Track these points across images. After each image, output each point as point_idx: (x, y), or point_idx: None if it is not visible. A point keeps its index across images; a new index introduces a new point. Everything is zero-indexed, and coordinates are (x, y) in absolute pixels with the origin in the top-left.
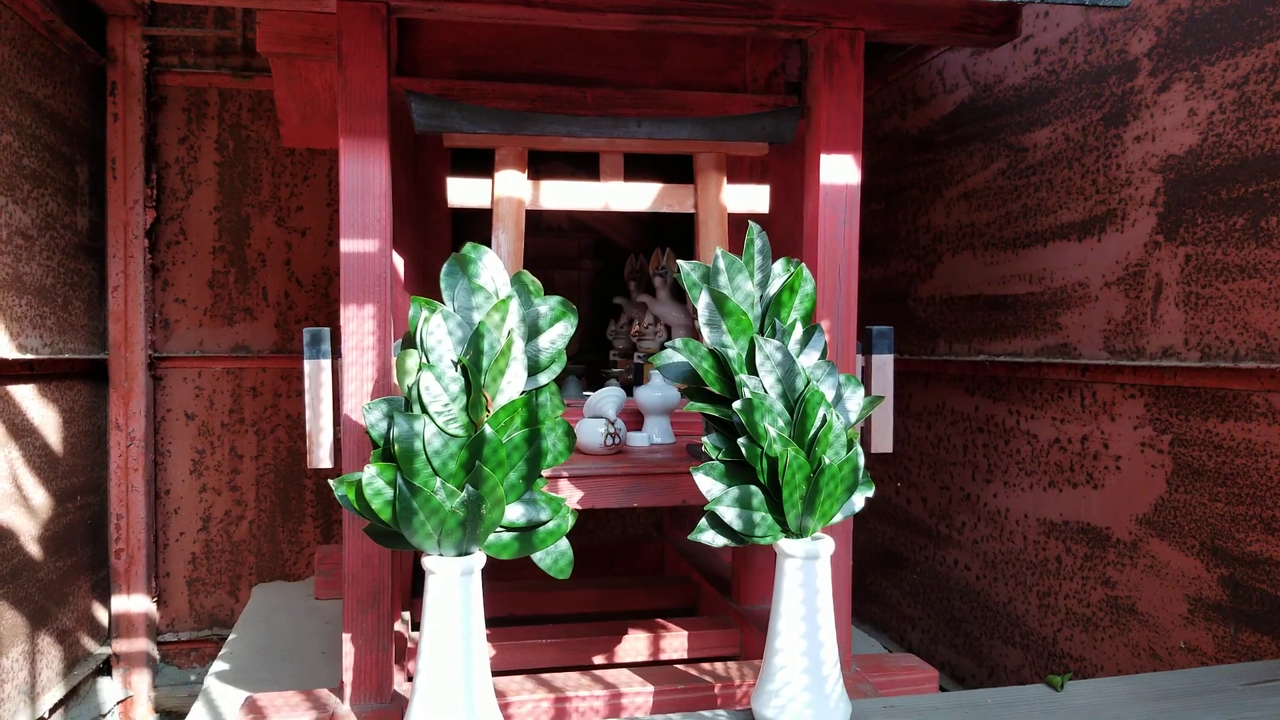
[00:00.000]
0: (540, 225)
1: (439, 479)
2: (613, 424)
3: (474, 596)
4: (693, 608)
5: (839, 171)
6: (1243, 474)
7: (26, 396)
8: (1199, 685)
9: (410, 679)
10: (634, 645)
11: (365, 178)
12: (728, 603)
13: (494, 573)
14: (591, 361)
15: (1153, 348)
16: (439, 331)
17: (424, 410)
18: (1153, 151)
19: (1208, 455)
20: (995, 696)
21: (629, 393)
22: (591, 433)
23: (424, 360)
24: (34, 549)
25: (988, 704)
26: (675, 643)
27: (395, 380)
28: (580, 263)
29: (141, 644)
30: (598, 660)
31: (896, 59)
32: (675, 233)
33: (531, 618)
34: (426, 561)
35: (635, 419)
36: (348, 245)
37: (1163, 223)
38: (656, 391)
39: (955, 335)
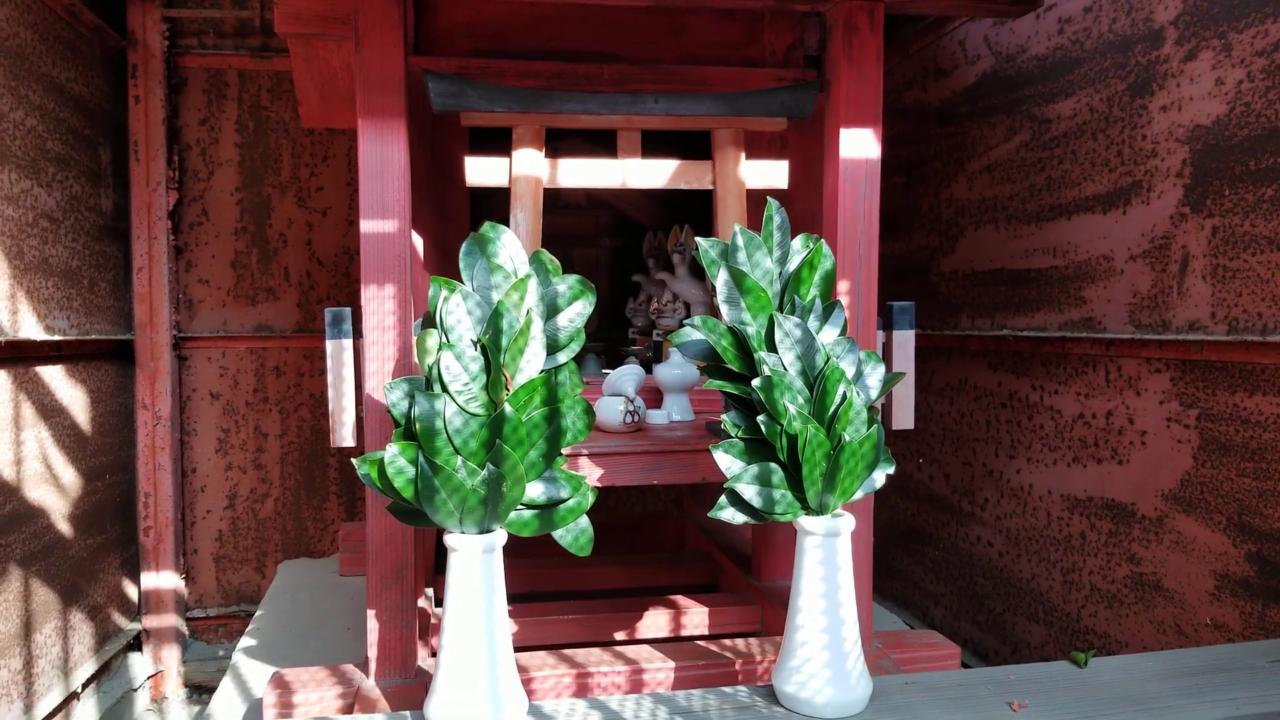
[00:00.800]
0: (558, 203)
1: (460, 457)
2: (632, 402)
3: (496, 573)
4: (713, 584)
5: (859, 146)
6: (1271, 448)
7: (55, 377)
8: (1226, 662)
9: (433, 655)
10: (655, 622)
11: (384, 158)
12: (748, 579)
13: (515, 550)
14: (610, 339)
15: (1179, 321)
16: (458, 311)
17: (444, 389)
18: (1179, 122)
19: (1235, 430)
20: (1018, 673)
21: (648, 370)
22: (611, 410)
23: (444, 340)
24: (65, 527)
25: (1010, 680)
26: (696, 619)
27: (416, 360)
28: (598, 240)
29: (171, 620)
30: (619, 636)
31: (917, 30)
32: (694, 209)
33: (552, 594)
34: (448, 539)
35: (654, 397)
36: (367, 225)
37: (1189, 194)
38: (675, 369)
39: (978, 310)
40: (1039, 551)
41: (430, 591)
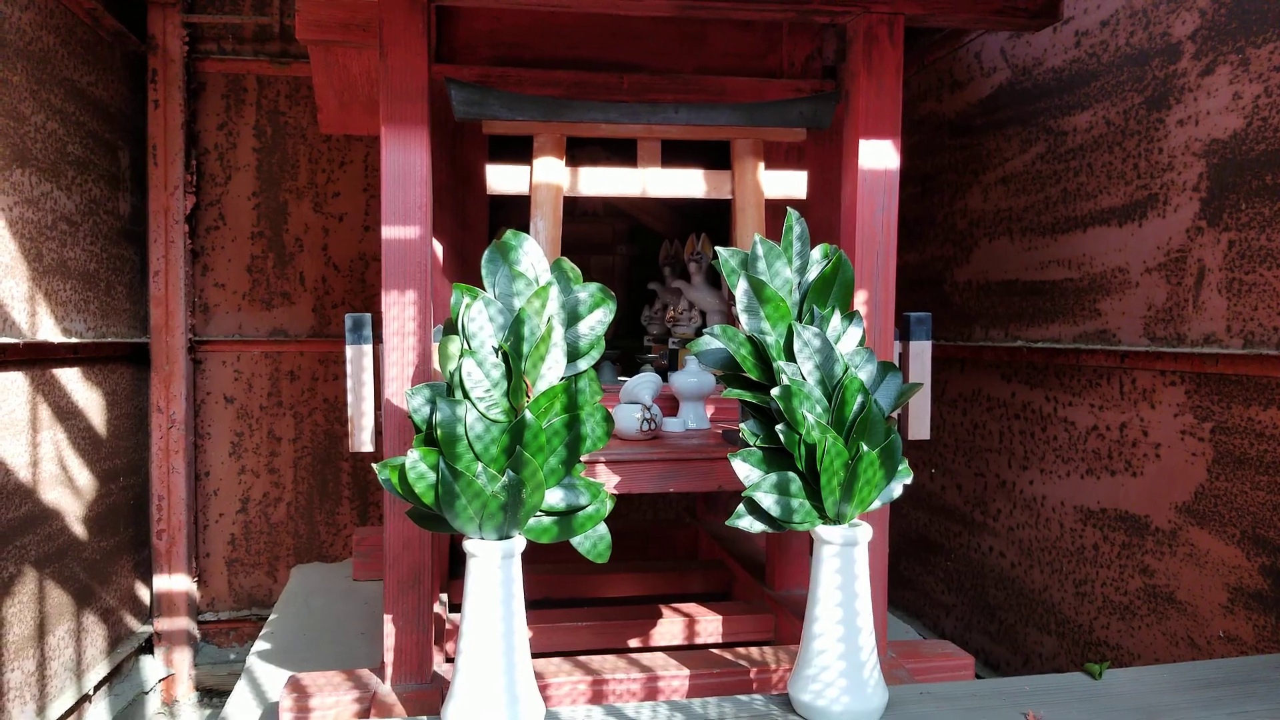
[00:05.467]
0: (575, 211)
1: (480, 463)
2: (649, 409)
3: (514, 579)
4: (727, 593)
5: (877, 157)
6: None
7: (71, 379)
8: (1239, 674)
9: (449, 660)
10: (669, 629)
11: (406, 165)
12: (762, 588)
13: (530, 556)
14: (626, 347)
15: (1194, 334)
16: (480, 318)
17: (466, 395)
18: (1196, 136)
19: (1249, 443)
20: (1033, 684)
21: (664, 378)
22: (628, 418)
23: (466, 346)
24: (79, 529)
25: (1025, 691)
26: (710, 627)
27: (436, 366)
28: (615, 248)
29: (182, 623)
30: (633, 644)
31: (934, 41)
32: (710, 218)
33: (566, 601)
34: (468, 545)
35: (670, 405)
36: (389, 232)
37: (1205, 208)
38: (692, 377)
39: (992, 321)
40: (1051, 563)
41: (444, 597)
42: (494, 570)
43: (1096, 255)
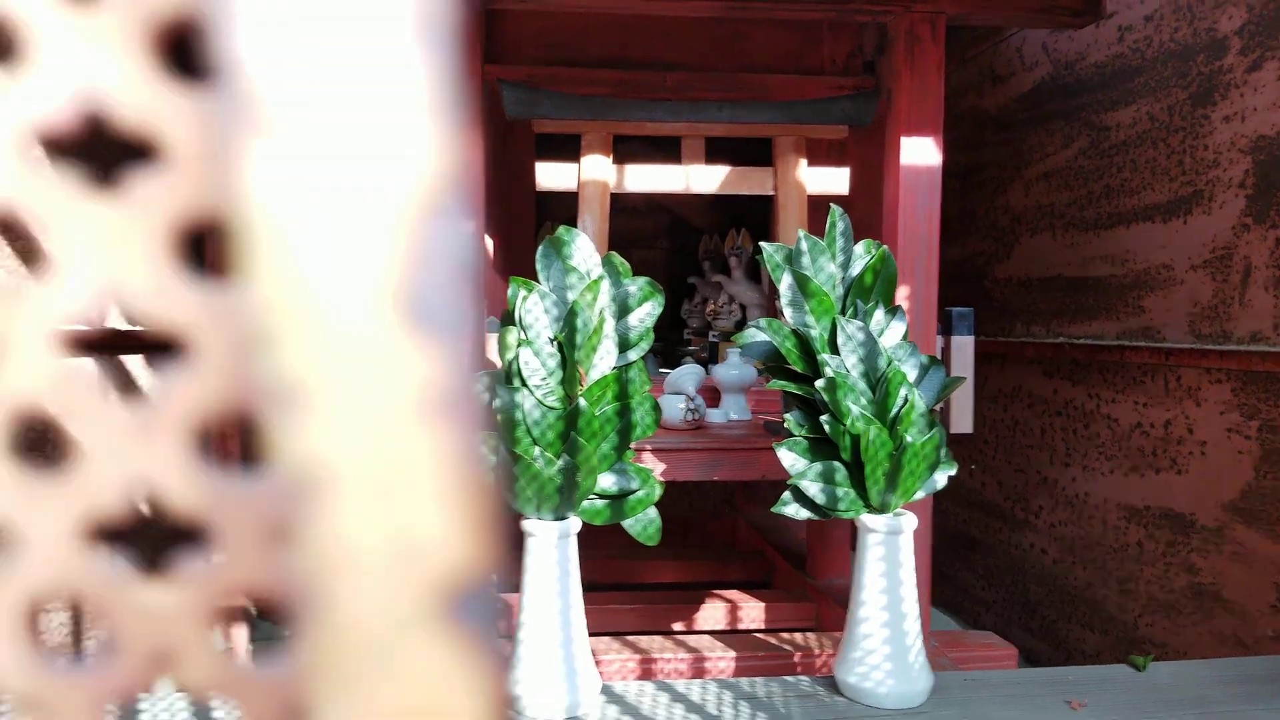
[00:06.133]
0: (617, 205)
1: (538, 447)
2: (693, 400)
3: (571, 558)
4: (766, 582)
5: (919, 154)
6: None
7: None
8: None
9: (503, 636)
10: (712, 614)
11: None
12: (803, 577)
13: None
14: (665, 339)
15: (1240, 332)
16: (536, 309)
17: (523, 383)
18: (1242, 132)
19: None
20: (1076, 674)
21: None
22: (672, 408)
23: (522, 336)
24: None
25: (1069, 681)
26: (752, 613)
27: (489, 355)
28: (656, 242)
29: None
30: (677, 627)
31: (974, 36)
32: (748, 212)
33: (612, 585)
34: (527, 525)
35: (710, 396)
36: None
37: (1252, 205)
38: (734, 369)
39: (1033, 317)
40: (1094, 560)
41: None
42: (551, 549)
43: (1140, 252)
